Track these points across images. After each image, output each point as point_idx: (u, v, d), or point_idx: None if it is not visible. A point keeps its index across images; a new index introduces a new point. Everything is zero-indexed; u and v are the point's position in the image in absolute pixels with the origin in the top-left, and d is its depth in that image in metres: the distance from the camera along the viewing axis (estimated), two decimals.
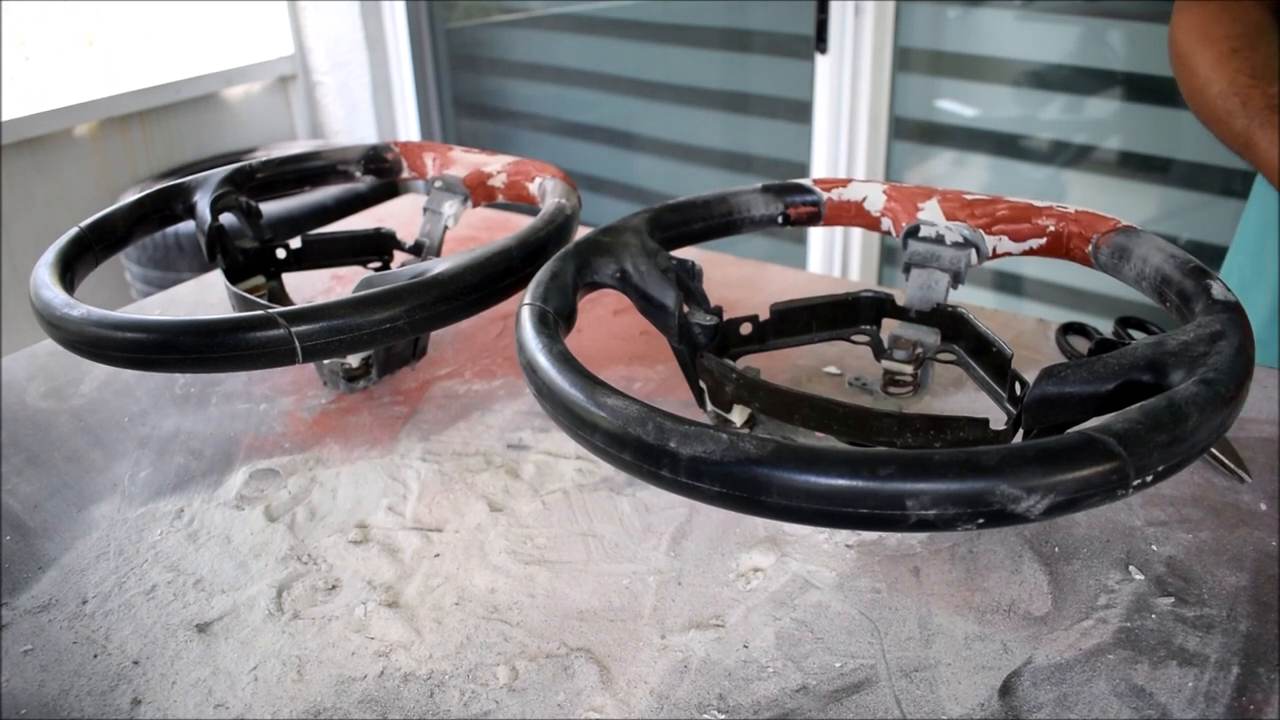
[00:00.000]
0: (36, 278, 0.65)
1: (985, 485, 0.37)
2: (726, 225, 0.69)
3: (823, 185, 0.70)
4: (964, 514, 0.38)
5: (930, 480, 0.38)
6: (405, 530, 0.61)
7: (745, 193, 0.69)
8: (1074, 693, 0.48)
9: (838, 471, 0.38)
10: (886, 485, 0.38)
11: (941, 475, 0.38)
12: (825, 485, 0.39)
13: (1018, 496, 0.37)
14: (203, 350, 0.58)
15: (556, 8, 2.43)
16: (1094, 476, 0.38)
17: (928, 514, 0.38)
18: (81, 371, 0.80)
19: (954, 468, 0.38)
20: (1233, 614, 0.52)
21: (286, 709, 0.49)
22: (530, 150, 2.56)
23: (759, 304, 0.82)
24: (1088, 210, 0.61)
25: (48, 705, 0.50)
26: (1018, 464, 0.38)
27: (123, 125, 2.39)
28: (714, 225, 0.68)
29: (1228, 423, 0.43)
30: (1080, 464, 0.38)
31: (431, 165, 0.87)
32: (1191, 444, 0.41)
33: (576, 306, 0.58)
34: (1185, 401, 0.41)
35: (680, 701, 0.49)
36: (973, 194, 0.65)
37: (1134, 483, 0.39)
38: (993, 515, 0.38)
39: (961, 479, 0.37)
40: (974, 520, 0.38)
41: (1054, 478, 0.38)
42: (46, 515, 0.64)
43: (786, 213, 0.69)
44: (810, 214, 0.70)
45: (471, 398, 0.75)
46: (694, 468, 0.41)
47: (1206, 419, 0.41)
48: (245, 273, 0.79)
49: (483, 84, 2.70)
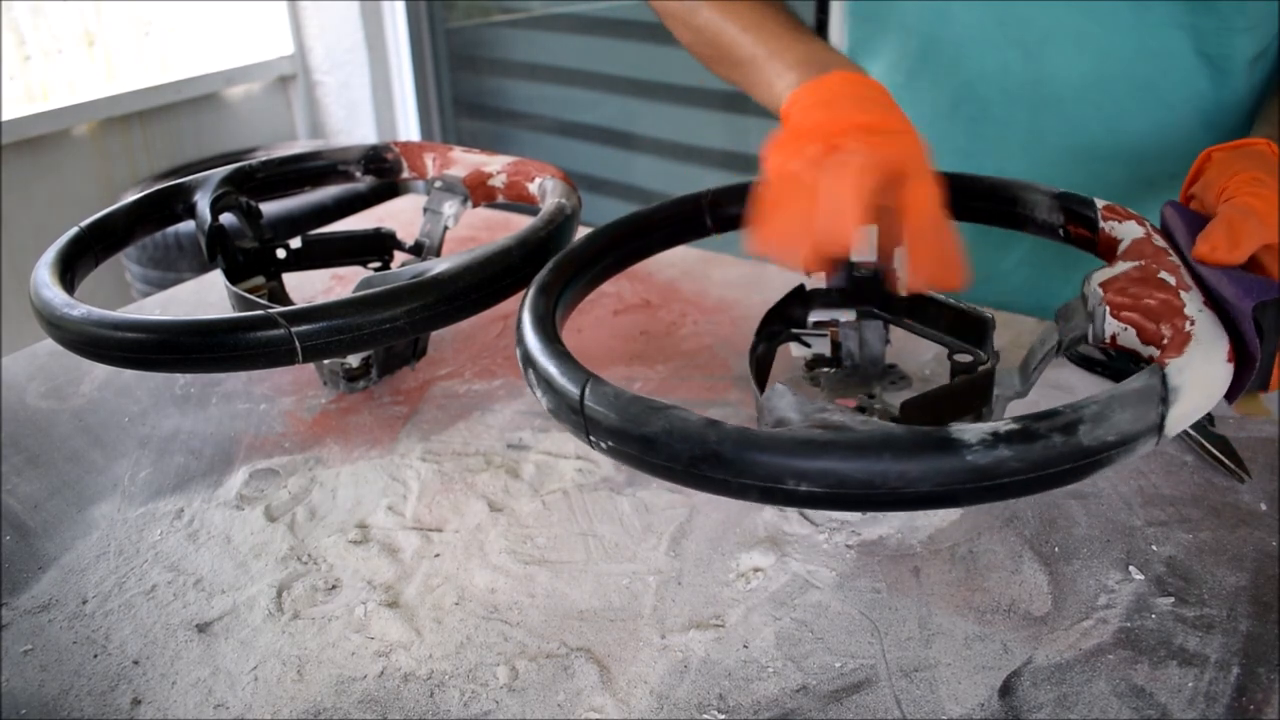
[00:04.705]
0: (36, 278, 0.65)
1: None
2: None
3: (1114, 215, 0.60)
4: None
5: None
6: (405, 530, 0.61)
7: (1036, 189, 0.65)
8: (1074, 693, 0.48)
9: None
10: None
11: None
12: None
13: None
14: (203, 350, 0.58)
15: (556, 8, 2.43)
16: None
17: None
18: (81, 371, 0.80)
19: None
20: (1233, 614, 0.52)
21: (286, 709, 0.49)
22: (530, 150, 2.56)
23: (759, 304, 0.82)
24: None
25: (48, 705, 0.50)
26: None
27: (123, 125, 2.39)
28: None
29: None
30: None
31: (431, 165, 0.87)
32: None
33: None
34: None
35: (680, 701, 0.49)
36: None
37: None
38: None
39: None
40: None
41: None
42: (46, 515, 0.64)
43: (1067, 228, 0.63)
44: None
45: (471, 398, 0.75)
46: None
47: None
48: (245, 273, 0.79)
49: (483, 84, 2.70)
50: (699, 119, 2.23)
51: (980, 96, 0.83)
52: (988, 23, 0.80)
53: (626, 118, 2.38)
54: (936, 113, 0.85)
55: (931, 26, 0.83)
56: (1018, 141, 0.83)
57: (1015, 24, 0.79)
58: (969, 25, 0.81)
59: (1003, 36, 0.80)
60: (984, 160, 0.85)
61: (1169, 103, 0.79)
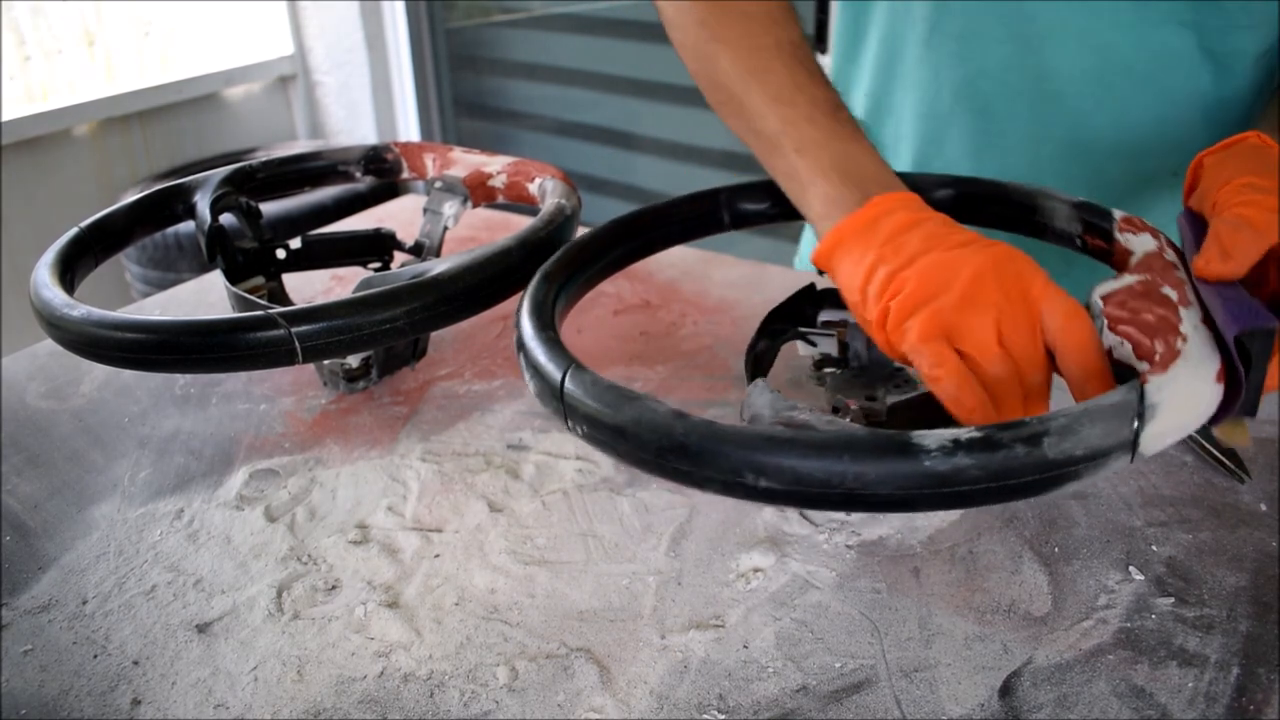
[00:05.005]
0: (36, 278, 0.65)
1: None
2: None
3: (1130, 227, 0.59)
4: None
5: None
6: (405, 530, 0.61)
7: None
8: (1074, 693, 0.48)
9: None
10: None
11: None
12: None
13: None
14: (202, 350, 0.58)
15: (556, 8, 2.43)
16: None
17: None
18: (81, 372, 0.80)
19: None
20: (1233, 614, 0.52)
21: (286, 709, 0.49)
22: (530, 150, 2.56)
23: (759, 304, 0.82)
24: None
25: (47, 705, 0.50)
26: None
27: (123, 125, 2.39)
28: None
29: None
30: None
31: (431, 166, 0.87)
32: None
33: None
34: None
35: (680, 702, 0.49)
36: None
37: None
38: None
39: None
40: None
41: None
42: (46, 515, 0.64)
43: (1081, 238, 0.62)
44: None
45: (471, 398, 0.75)
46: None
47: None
48: (245, 273, 0.79)
49: (483, 84, 2.70)
50: (699, 119, 2.22)
51: (982, 91, 0.83)
52: (989, 17, 0.80)
53: (626, 118, 2.38)
54: (938, 107, 0.85)
55: (932, 21, 0.83)
56: (1019, 137, 0.83)
57: (1017, 19, 0.79)
58: (970, 20, 0.81)
59: (1005, 31, 0.80)
60: (985, 155, 0.85)
61: (1171, 99, 0.78)
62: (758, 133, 0.63)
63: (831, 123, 0.60)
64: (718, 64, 0.64)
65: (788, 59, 0.63)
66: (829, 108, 0.61)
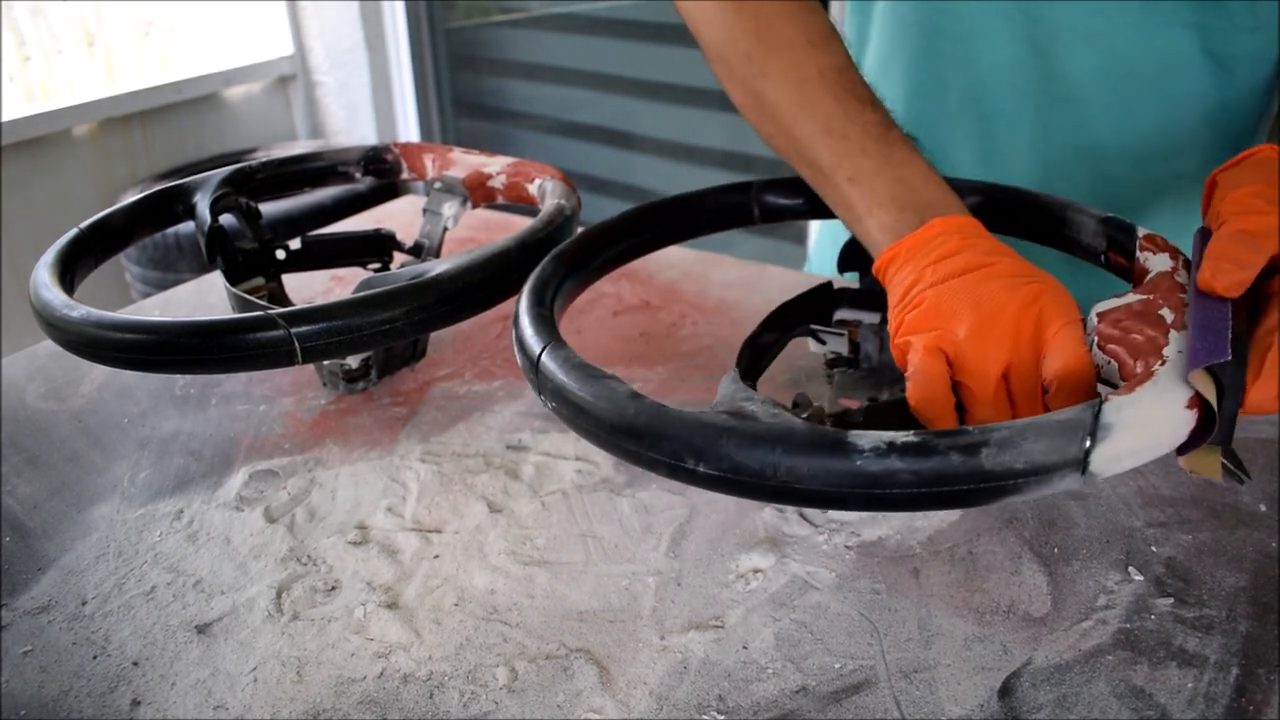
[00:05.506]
0: (36, 278, 0.65)
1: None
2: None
3: (1151, 246, 0.58)
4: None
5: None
6: (405, 531, 0.61)
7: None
8: (1074, 693, 0.48)
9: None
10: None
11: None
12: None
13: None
14: (202, 351, 0.58)
15: (556, 8, 2.44)
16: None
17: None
18: (81, 372, 0.80)
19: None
20: (1232, 615, 0.52)
21: (286, 710, 0.49)
22: (530, 150, 2.56)
23: (759, 304, 0.82)
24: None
25: (47, 706, 0.50)
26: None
27: (123, 125, 2.39)
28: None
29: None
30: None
31: (431, 166, 0.87)
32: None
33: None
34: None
35: (680, 702, 0.49)
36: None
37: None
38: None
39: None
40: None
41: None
42: (46, 516, 0.64)
43: (1106, 253, 0.60)
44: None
45: (471, 399, 0.75)
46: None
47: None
48: (245, 273, 0.79)
49: (482, 84, 2.70)
50: (699, 119, 2.23)
51: (989, 93, 0.83)
52: (996, 19, 0.80)
53: (626, 118, 2.38)
54: (944, 110, 0.85)
55: (939, 23, 0.82)
56: (1025, 138, 0.83)
57: (1024, 20, 0.79)
58: (977, 21, 0.80)
59: (1011, 33, 0.79)
60: (992, 158, 0.85)
61: (1175, 101, 0.78)
62: (811, 163, 0.63)
63: (883, 149, 0.60)
64: (765, 98, 0.64)
65: (835, 87, 0.62)
66: (880, 132, 0.60)
